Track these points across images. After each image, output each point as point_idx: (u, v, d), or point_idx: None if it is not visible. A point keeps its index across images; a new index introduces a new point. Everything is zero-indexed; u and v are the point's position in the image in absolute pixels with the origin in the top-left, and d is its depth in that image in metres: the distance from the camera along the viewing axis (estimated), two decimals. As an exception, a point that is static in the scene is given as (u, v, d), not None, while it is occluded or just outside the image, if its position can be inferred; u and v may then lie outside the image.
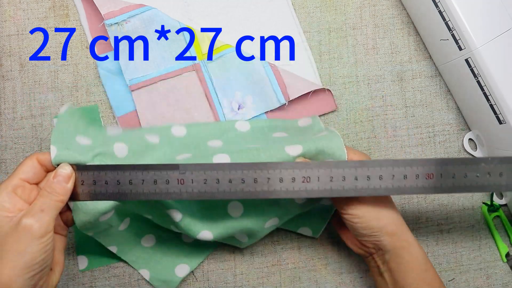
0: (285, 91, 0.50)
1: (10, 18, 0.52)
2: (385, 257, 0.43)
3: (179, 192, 0.39)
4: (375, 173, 0.40)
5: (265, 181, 0.39)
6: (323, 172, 0.39)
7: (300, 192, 0.39)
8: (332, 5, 0.54)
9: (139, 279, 0.51)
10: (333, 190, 0.40)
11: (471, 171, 0.41)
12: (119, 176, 0.38)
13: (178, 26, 0.50)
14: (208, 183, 0.38)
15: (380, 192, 0.40)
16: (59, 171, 0.38)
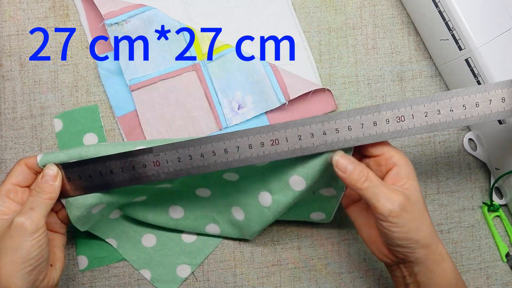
0: (285, 91, 0.50)
1: (10, 18, 0.52)
2: (414, 269, 0.40)
3: (156, 174, 0.40)
4: (343, 124, 0.39)
5: (235, 150, 0.40)
6: (290, 132, 0.39)
7: (270, 156, 0.40)
8: (332, 5, 0.54)
9: (139, 279, 0.51)
10: (303, 148, 0.39)
11: (443, 107, 0.39)
12: (100, 167, 0.41)
13: (178, 26, 0.50)
14: (182, 161, 0.40)
15: (351, 143, 0.39)
16: (46, 171, 0.40)
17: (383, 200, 0.38)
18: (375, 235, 0.42)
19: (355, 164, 0.39)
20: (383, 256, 0.42)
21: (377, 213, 0.38)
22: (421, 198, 0.40)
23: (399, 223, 0.38)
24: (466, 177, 0.54)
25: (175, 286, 0.50)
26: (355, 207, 0.44)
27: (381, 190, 0.38)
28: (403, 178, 0.39)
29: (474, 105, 0.40)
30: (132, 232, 0.50)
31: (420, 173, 0.53)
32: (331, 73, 0.53)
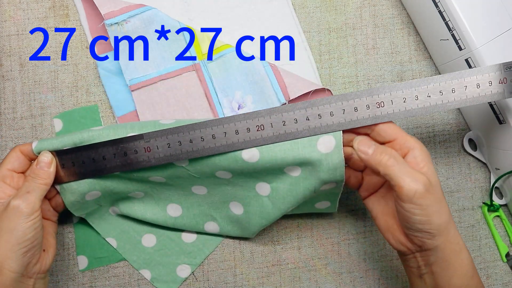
0: (285, 91, 0.50)
1: (10, 18, 0.52)
2: (430, 258, 0.39)
3: (147, 160, 0.42)
4: (325, 110, 0.41)
5: (222, 136, 0.41)
6: (274, 118, 0.41)
7: (256, 141, 0.41)
8: (332, 5, 0.54)
9: (139, 279, 0.51)
10: (287, 133, 0.41)
11: (421, 93, 0.41)
12: (93, 154, 0.42)
13: (178, 26, 0.50)
14: (172, 146, 0.42)
15: (333, 128, 0.41)
16: (40, 158, 0.42)
17: (409, 180, 0.37)
18: (391, 222, 0.41)
19: (376, 146, 0.39)
20: (399, 244, 0.41)
21: (401, 194, 0.37)
22: (439, 183, 0.39)
23: (423, 205, 0.37)
24: (466, 177, 0.54)
25: (175, 286, 0.50)
26: (373, 197, 0.44)
27: (406, 169, 0.38)
28: (421, 162, 0.39)
29: (451, 91, 0.41)
30: (132, 232, 0.50)
31: (420, 173, 0.53)
32: (331, 73, 0.53)
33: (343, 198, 0.52)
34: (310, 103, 0.41)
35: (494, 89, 0.41)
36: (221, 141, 0.41)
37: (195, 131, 0.41)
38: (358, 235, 0.53)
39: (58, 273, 0.50)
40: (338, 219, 0.52)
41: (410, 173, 0.38)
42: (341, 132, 0.41)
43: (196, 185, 0.48)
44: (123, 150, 0.42)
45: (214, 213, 0.49)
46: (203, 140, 0.41)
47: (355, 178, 0.45)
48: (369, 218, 0.53)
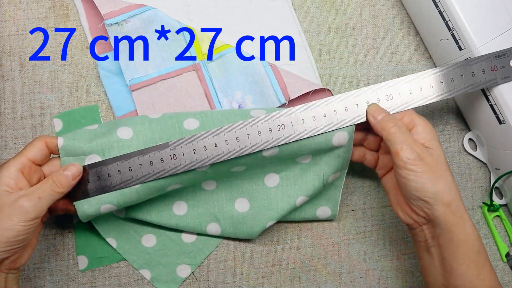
0: (285, 91, 0.50)
1: (10, 18, 0.52)
2: (435, 230, 0.41)
3: (174, 167, 0.43)
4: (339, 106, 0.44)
5: (246, 138, 0.43)
6: (294, 117, 0.44)
7: (278, 140, 0.43)
8: (332, 5, 0.54)
9: (139, 279, 0.51)
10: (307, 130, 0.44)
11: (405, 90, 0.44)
12: (119, 166, 0.42)
13: (178, 26, 0.50)
14: (197, 152, 0.43)
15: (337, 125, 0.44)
16: (71, 167, 0.41)
17: (405, 147, 0.40)
18: (400, 196, 0.44)
19: (386, 113, 0.43)
20: (407, 216, 0.43)
21: (397, 160, 0.40)
22: (444, 158, 0.41)
23: (416, 171, 0.39)
24: (466, 177, 0.54)
25: (175, 286, 0.50)
26: (388, 175, 0.46)
27: (406, 138, 0.41)
28: (424, 138, 0.42)
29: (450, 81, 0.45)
30: (132, 232, 0.50)
31: (420, 173, 0.53)
32: (331, 73, 0.53)
33: (343, 198, 0.52)
34: (310, 105, 0.44)
35: (487, 76, 0.45)
36: (245, 143, 0.43)
37: (219, 136, 0.43)
38: (358, 235, 0.53)
39: (58, 273, 0.50)
40: (338, 219, 0.52)
41: (409, 142, 0.40)
42: (354, 126, 0.44)
43: (206, 180, 0.48)
44: (149, 160, 0.42)
45: (218, 214, 0.49)
46: (228, 144, 0.43)
47: (371, 156, 0.48)
48: (369, 218, 0.53)
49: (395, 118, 0.42)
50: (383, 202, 0.53)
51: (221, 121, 0.45)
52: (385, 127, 0.41)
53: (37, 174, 0.42)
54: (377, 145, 0.47)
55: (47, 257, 0.50)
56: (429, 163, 0.40)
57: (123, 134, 0.44)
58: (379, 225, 0.53)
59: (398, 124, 0.41)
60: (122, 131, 0.44)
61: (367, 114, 0.43)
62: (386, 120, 0.42)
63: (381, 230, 0.53)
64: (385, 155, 0.46)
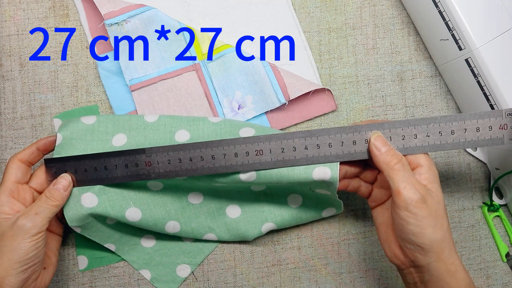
0: (285, 91, 0.50)
1: (10, 18, 0.52)
2: (424, 276, 0.39)
3: (147, 173, 0.43)
4: (324, 141, 0.41)
5: (221, 157, 0.42)
6: (274, 144, 0.42)
7: (254, 165, 0.42)
8: (332, 5, 0.54)
9: (139, 279, 0.51)
10: (285, 160, 0.42)
11: (421, 133, 0.41)
12: (95, 163, 0.43)
13: (178, 26, 0.50)
14: (172, 163, 0.43)
15: (331, 159, 0.41)
16: (59, 180, 0.43)
17: (409, 187, 0.38)
18: (390, 234, 0.42)
19: (390, 146, 0.40)
20: (394, 257, 0.41)
21: (398, 200, 0.38)
22: (443, 204, 0.39)
23: (418, 215, 0.37)
24: (466, 177, 0.54)
25: (175, 286, 0.50)
26: (379, 208, 0.44)
27: (410, 178, 0.38)
28: (427, 179, 0.39)
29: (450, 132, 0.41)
30: (131, 235, 0.50)
31: (420, 173, 0.53)
32: (331, 73, 0.53)
33: (343, 198, 0.52)
34: (309, 133, 0.42)
35: (493, 134, 0.41)
36: (220, 162, 0.42)
37: (196, 150, 0.42)
38: (358, 235, 0.53)
39: (58, 273, 0.50)
40: (338, 219, 0.52)
41: (412, 182, 0.38)
42: (338, 164, 0.42)
43: (192, 192, 0.48)
44: (124, 162, 0.43)
45: (212, 224, 0.49)
46: (203, 160, 0.42)
47: (366, 188, 0.45)
48: (369, 218, 0.53)
49: (399, 154, 0.40)
50: (383, 202, 0.53)
51: (210, 137, 0.45)
52: (389, 162, 0.39)
53: (28, 192, 0.43)
54: (373, 178, 0.45)
55: (47, 257, 0.50)
56: (431, 207, 0.38)
57: (117, 142, 0.46)
58: (379, 225, 0.53)
59: (402, 161, 0.39)
60: (117, 139, 0.46)
61: (370, 144, 0.40)
62: (390, 155, 0.39)
63: (381, 230, 0.53)
64: (380, 189, 0.44)
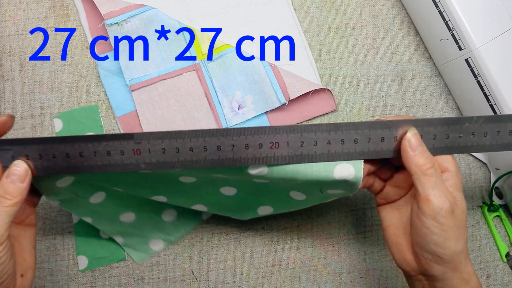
0: (285, 91, 0.50)
1: (10, 18, 0.52)
2: (436, 284, 0.37)
3: (136, 163, 0.36)
4: (349, 136, 0.36)
5: (229, 148, 0.36)
6: (292, 137, 0.36)
7: (267, 159, 0.36)
8: (332, 5, 0.54)
9: (139, 279, 0.51)
10: (304, 155, 0.36)
11: (453, 132, 0.37)
12: (68, 149, 0.35)
13: (178, 26, 0.50)
14: (167, 153, 0.35)
15: (354, 156, 0.37)
16: (13, 169, 0.34)
17: (439, 195, 0.35)
18: (401, 238, 0.39)
19: (424, 147, 0.37)
20: (404, 262, 0.38)
21: (426, 207, 0.35)
22: (465, 211, 0.37)
23: (444, 225, 0.35)
24: (466, 177, 0.54)
25: (145, 256, 0.51)
26: (388, 206, 0.41)
27: (441, 185, 0.35)
28: (452, 186, 0.37)
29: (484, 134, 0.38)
30: (111, 211, 0.47)
31: (420, 173, 0.53)
32: (331, 73, 0.53)
33: (342, 198, 0.52)
34: (334, 126, 0.36)
35: None
36: (227, 154, 0.36)
37: (198, 139, 0.35)
38: (358, 235, 0.53)
39: (58, 273, 0.50)
40: (338, 219, 0.52)
41: (443, 190, 0.35)
42: (362, 162, 0.38)
43: (184, 176, 0.42)
44: (106, 149, 0.35)
45: (202, 200, 0.46)
46: (206, 150, 0.36)
47: (378, 185, 0.42)
48: (369, 218, 0.53)
49: (433, 157, 0.36)
50: (383, 202, 0.53)
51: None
52: (422, 165, 0.36)
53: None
54: (389, 176, 0.42)
55: (47, 257, 0.50)
56: (456, 217, 0.35)
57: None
58: (379, 225, 0.53)
59: (435, 166, 0.36)
60: None
61: (403, 141, 0.37)
62: (424, 157, 0.36)
63: (381, 230, 0.53)
64: (394, 188, 0.41)
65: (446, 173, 0.37)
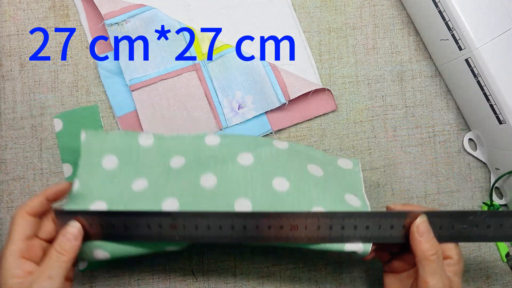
0: (285, 91, 0.50)
1: (10, 18, 0.52)
2: None
3: (172, 236, 0.40)
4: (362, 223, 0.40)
5: (253, 227, 0.40)
6: (310, 221, 0.40)
7: (287, 239, 0.40)
8: (332, 5, 0.54)
9: (139, 279, 0.51)
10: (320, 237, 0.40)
11: (458, 223, 0.40)
12: (113, 220, 0.40)
13: (178, 26, 0.50)
14: (199, 229, 0.40)
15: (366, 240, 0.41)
16: (68, 229, 0.39)
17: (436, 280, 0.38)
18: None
19: (431, 234, 0.40)
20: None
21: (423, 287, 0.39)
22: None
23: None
24: (466, 177, 0.54)
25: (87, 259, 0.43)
26: (393, 276, 0.44)
27: (440, 271, 0.39)
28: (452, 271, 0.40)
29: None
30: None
31: (420, 173, 0.53)
32: (331, 73, 0.53)
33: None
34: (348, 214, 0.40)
35: None
36: (252, 233, 0.40)
37: (227, 219, 0.39)
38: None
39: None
40: (338, 219, 0.52)
41: (441, 276, 0.39)
42: (371, 244, 0.41)
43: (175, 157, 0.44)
44: (146, 223, 0.40)
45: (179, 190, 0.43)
46: (233, 229, 0.40)
47: (386, 257, 0.45)
48: (369, 218, 0.53)
49: (437, 244, 0.40)
50: (383, 202, 0.53)
51: (239, 182, 0.42)
52: (426, 250, 0.39)
53: (39, 248, 0.39)
54: (396, 251, 0.45)
55: (47, 257, 0.50)
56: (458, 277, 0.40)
57: (138, 187, 0.43)
58: (379, 225, 0.53)
59: (439, 253, 0.39)
60: (138, 184, 0.43)
61: (413, 226, 0.40)
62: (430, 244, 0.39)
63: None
64: (400, 261, 0.44)
65: (449, 259, 0.40)
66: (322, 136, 0.53)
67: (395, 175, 0.53)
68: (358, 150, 0.53)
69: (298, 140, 0.52)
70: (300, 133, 0.52)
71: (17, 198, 0.51)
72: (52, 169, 0.51)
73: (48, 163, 0.51)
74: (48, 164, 0.51)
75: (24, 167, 0.51)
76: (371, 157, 0.53)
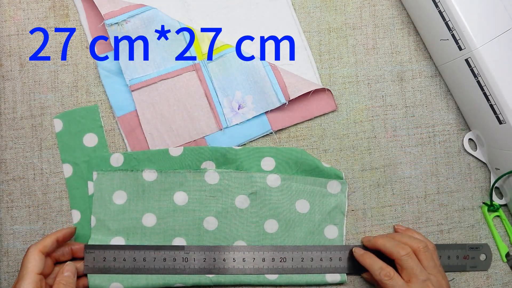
0: (285, 91, 0.50)
1: (10, 18, 0.52)
2: None
3: (183, 268, 0.48)
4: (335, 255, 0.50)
5: (251, 260, 0.49)
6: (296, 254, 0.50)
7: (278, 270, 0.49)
8: (332, 5, 0.54)
9: (139, 279, 0.51)
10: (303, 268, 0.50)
11: None
12: (135, 254, 0.48)
13: (178, 26, 0.50)
14: (206, 261, 0.49)
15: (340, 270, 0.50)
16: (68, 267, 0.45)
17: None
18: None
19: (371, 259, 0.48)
20: None
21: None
22: None
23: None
24: (466, 177, 0.54)
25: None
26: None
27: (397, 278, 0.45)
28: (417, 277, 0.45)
29: None
30: None
31: (420, 173, 0.53)
32: (331, 73, 0.53)
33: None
34: (325, 248, 0.50)
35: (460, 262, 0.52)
36: (248, 265, 0.49)
37: (229, 253, 0.49)
38: (358, 235, 0.53)
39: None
40: (338, 219, 0.52)
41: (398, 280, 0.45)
42: (345, 274, 0.50)
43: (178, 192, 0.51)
44: (163, 256, 0.48)
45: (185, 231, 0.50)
46: (234, 261, 0.49)
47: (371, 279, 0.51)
48: (369, 218, 0.53)
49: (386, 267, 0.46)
50: (383, 202, 0.53)
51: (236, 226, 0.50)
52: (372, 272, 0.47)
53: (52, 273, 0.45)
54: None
55: (47, 257, 0.50)
56: None
57: (147, 222, 0.49)
58: (379, 225, 0.53)
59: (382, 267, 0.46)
60: (146, 219, 0.49)
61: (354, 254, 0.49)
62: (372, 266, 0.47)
63: (381, 230, 0.53)
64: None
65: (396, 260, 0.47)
66: (322, 136, 0.53)
67: (395, 175, 0.53)
68: (358, 150, 0.53)
69: (298, 140, 0.52)
70: (300, 133, 0.52)
71: (17, 198, 0.51)
72: (52, 169, 0.51)
73: (48, 163, 0.51)
74: (48, 164, 0.51)
75: (24, 167, 0.51)
76: (371, 157, 0.53)
